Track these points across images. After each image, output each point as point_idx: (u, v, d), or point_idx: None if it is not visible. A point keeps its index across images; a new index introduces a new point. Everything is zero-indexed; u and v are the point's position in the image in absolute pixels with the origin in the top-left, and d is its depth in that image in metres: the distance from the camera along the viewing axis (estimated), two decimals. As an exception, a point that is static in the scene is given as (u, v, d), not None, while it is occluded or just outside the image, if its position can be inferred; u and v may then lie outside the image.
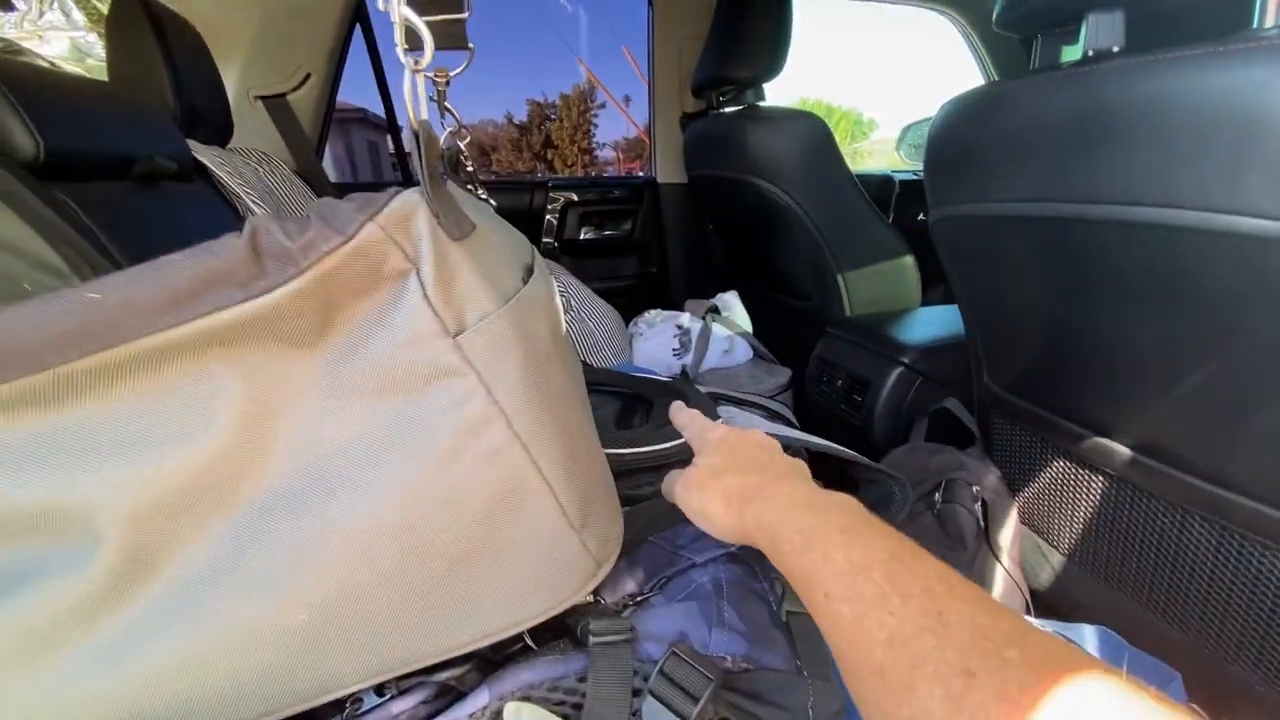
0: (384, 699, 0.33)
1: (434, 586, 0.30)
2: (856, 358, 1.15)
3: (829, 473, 0.81)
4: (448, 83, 0.43)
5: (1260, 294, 0.48)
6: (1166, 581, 0.72)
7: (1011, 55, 1.73)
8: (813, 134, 1.21)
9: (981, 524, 0.91)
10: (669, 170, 1.76)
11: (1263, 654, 0.64)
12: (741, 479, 0.34)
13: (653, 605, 0.41)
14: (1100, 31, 0.56)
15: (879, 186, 1.92)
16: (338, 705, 0.34)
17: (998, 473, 0.94)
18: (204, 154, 0.97)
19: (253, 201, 1.03)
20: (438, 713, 0.32)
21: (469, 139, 0.56)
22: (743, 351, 1.39)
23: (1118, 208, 0.54)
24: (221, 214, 0.96)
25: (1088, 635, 0.68)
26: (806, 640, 0.38)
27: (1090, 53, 0.57)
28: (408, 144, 0.34)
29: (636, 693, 0.33)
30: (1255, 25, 0.54)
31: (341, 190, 1.43)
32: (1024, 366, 0.83)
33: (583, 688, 0.33)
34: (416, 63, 0.29)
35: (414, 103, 0.29)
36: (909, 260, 1.32)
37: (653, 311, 1.43)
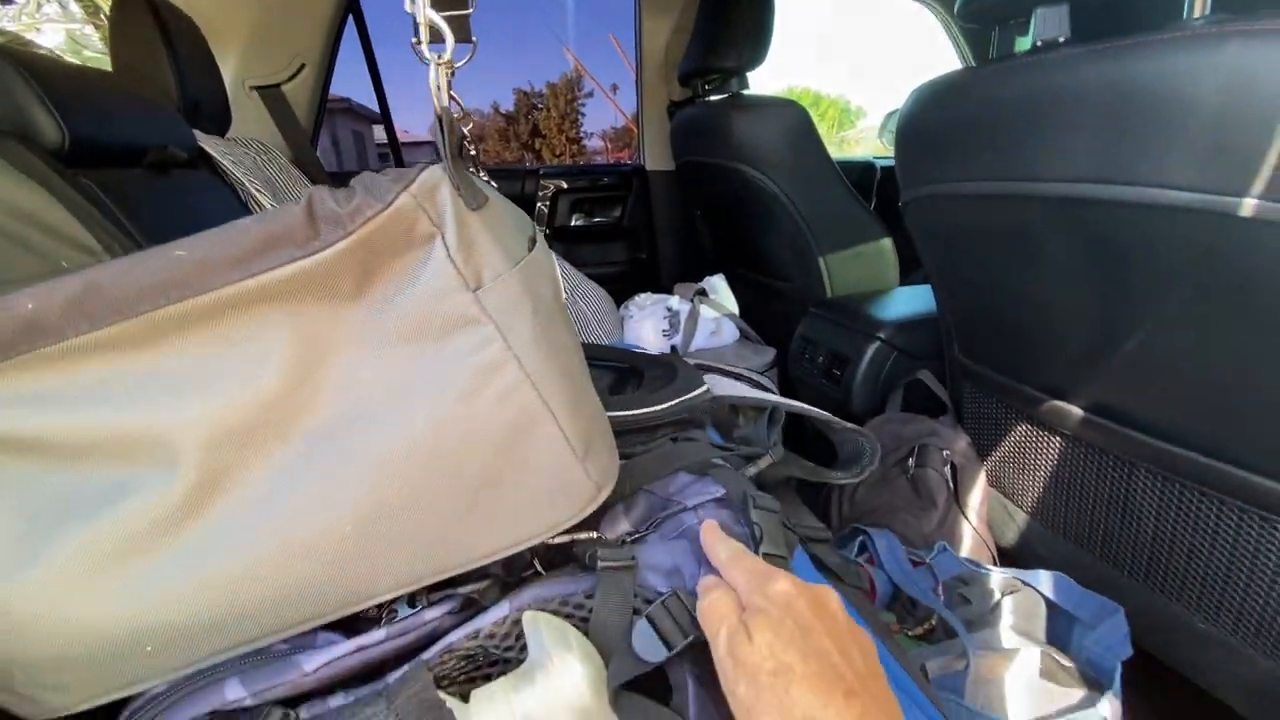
0: (416, 609, 0.38)
1: (459, 506, 0.35)
2: (837, 335, 1.20)
3: (806, 436, 0.87)
4: (453, 73, 0.48)
5: (1180, 261, 0.54)
6: (1116, 531, 0.79)
7: (985, 44, 1.78)
8: (795, 121, 1.26)
9: (951, 486, 0.97)
10: (657, 158, 1.80)
11: (1203, 595, 0.71)
12: (810, 701, 0.27)
13: (648, 542, 0.46)
14: (1048, 23, 0.61)
15: (861, 173, 1.98)
16: (376, 613, 0.39)
17: (967, 439, 1.00)
18: (208, 143, 1.01)
19: (255, 189, 1.07)
20: (464, 621, 0.37)
21: (471, 125, 0.60)
22: (729, 332, 1.45)
23: (1063, 185, 0.59)
24: (227, 200, 1.00)
25: (1044, 579, 0.75)
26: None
27: (1039, 43, 0.62)
28: (430, 132, 0.38)
29: (635, 612, 0.39)
30: (1185, 16, 0.60)
31: (336, 179, 1.46)
32: (989, 338, 0.89)
33: (590, 604, 0.38)
34: (439, 56, 0.34)
35: (437, 92, 0.34)
36: (888, 243, 1.38)
37: (643, 295, 1.49)
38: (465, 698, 0.35)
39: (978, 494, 0.98)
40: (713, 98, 1.44)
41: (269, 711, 0.33)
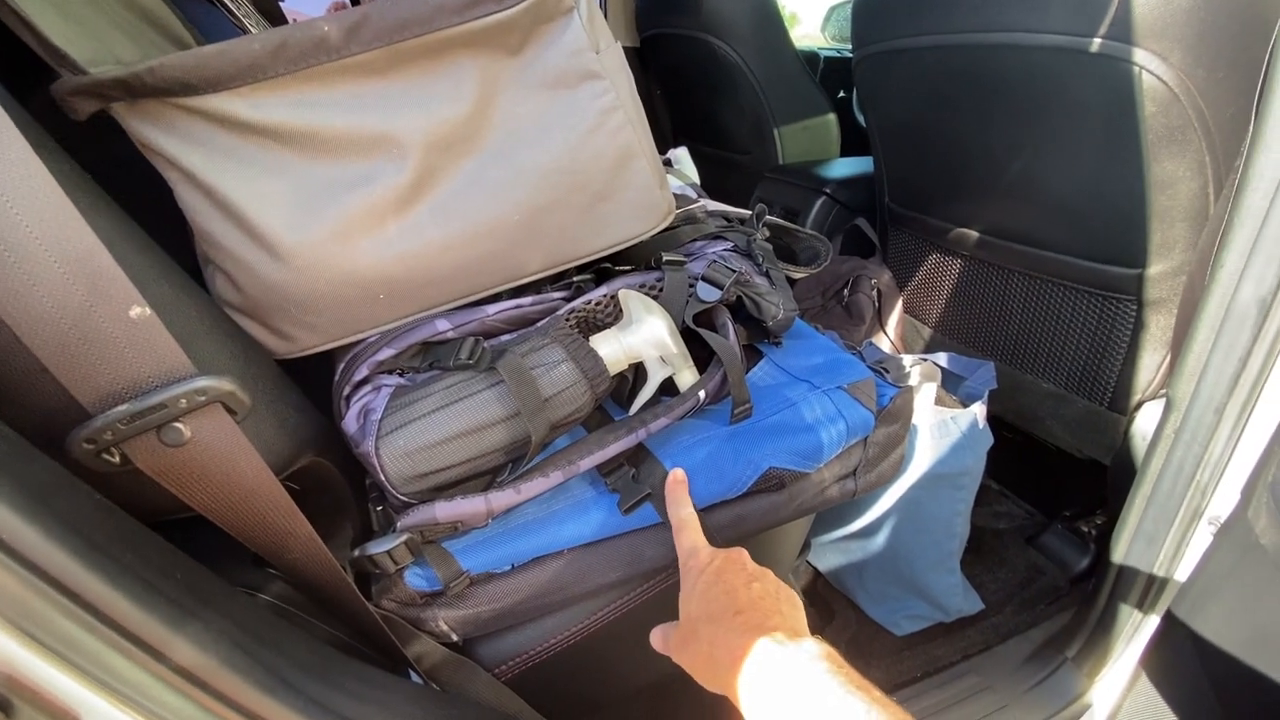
0: (546, 291, 0.56)
1: (584, 210, 0.52)
2: (789, 194, 1.40)
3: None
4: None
5: (1050, 94, 0.76)
6: (994, 327, 1.06)
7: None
8: (758, -5, 1.39)
9: (876, 307, 1.22)
10: (619, 32, 1.87)
11: (1048, 361, 0.99)
12: (714, 640, 0.37)
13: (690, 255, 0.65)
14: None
15: (805, 62, 2.12)
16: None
17: (890, 273, 1.24)
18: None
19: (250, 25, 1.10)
20: (578, 296, 0.55)
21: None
22: (694, 197, 1.61)
23: (977, 35, 0.78)
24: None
25: (939, 355, 1.00)
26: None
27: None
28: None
29: (691, 286, 0.58)
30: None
31: None
32: (914, 180, 1.11)
33: (660, 284, 0.57)
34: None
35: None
36: (832, 118, 1.57)
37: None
38: (586, 342, 0.53)
39: (895, 316, 1.24)
40: (680, -30, 1.52)
41: (465, 340, 0.51)
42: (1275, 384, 0.57)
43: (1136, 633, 0.77)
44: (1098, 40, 0.67)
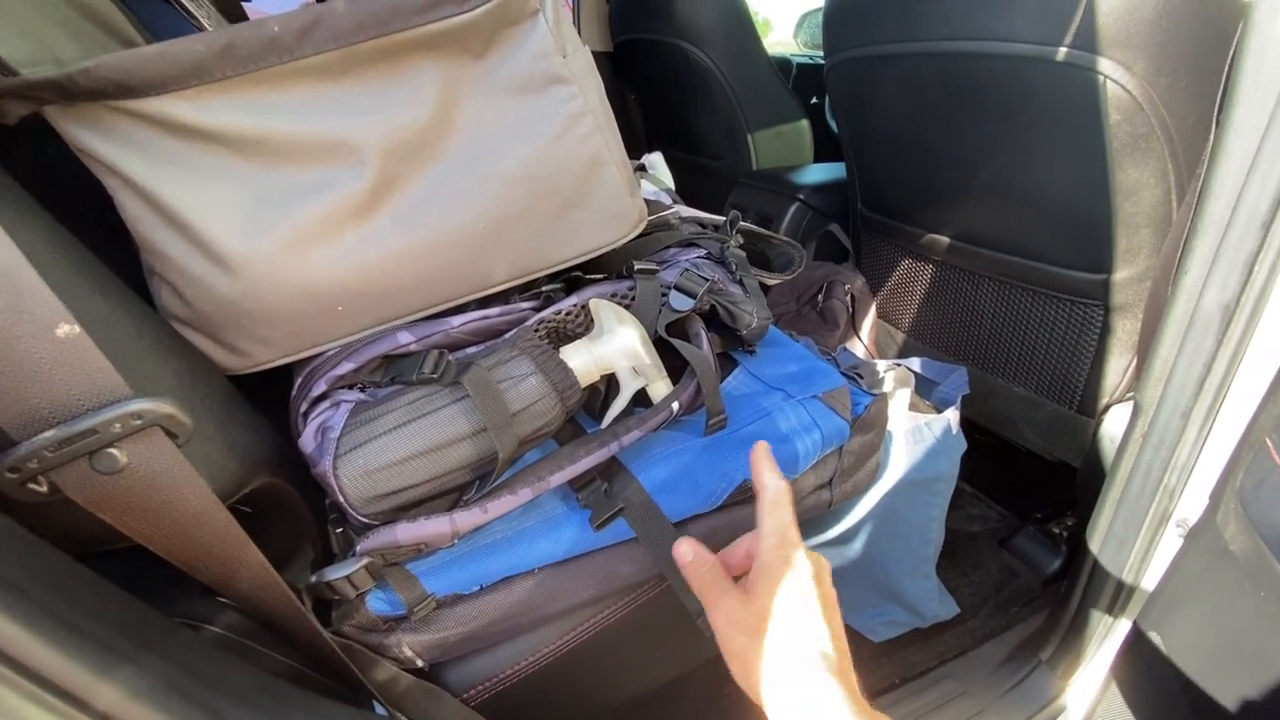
0: (514, 301, 0.54)
1: (552, 219, 0.50)
2: (763, 199, 1.40)
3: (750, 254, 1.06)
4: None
5: (1017, 102, 0.76)
6: (965, 332, 1.07)
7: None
8: (732, 2, 1.39)
9: (850, 312, 1.22)
10: (592, 38, 1.86)
11: (1018, 365, 1.00)
12: (783, 676, 0.34)
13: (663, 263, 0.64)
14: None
15: (778, 69, 2.13)
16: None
17: (863, 279, 1.25)
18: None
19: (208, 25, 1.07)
20: (547, 306, 0.54)
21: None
22: (668, 203, 1.60)
23: (945, 43, 0.79)
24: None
25: (913, 360, 1.01)
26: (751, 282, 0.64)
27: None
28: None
29: (664, 295, 0.57)
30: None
31: None
32: (886, 187, 1.11)
33: (632, 294, 0.55)
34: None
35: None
36: (805, 124, 1.57)
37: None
38: (557, 351, 0.51)
39: (869, 321, 1.24)
40: (653, -24, 1.52)
41: (428, 353, 0.49)
42: (1239, 390, 0.58)
43: (1109, 634, 0.78)
44: (1064, 49, 0.68)
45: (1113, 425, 0.87)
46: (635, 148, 1.90)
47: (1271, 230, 0.53)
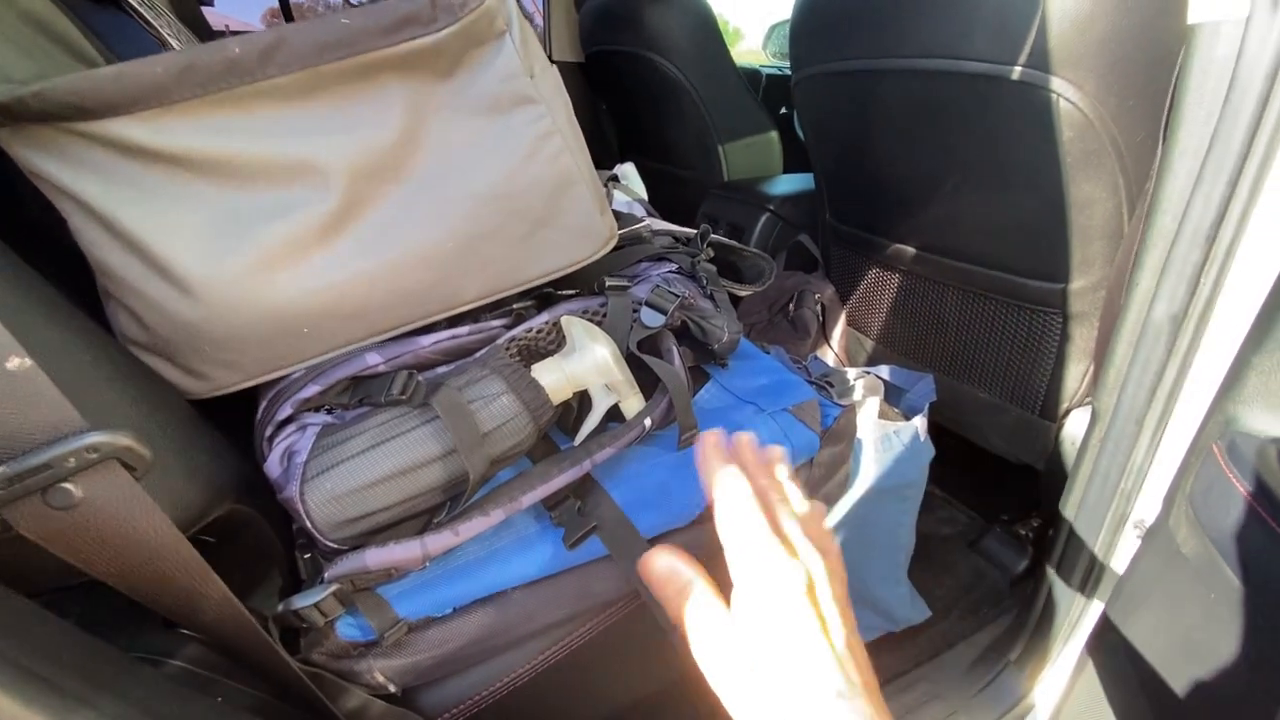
0: (484, 319, 0.54)
1: (522, 237, 0.50)
2: (734, 210, 1.42)
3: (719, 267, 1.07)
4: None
5: (974, 119, 0.79)
6: (932, 339, 1.09)
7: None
8: (701, 15, 1.40)
9: (820, 321, 1.24)
10: (563, 49, 1.87)
11: (984, 372, 1.03)
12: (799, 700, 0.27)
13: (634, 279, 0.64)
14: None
15: (748, 80, 2.16)
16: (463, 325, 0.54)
17: (833, 288, 1.27)
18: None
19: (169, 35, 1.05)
20: (518, 324, 0.53)
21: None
22: (640, 214, 1.61)
23: (908, 60, 0.81)
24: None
25: (882, 368, 1.02)
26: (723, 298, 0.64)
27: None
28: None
29: (635, 311, 0.57)
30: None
31: None
32: (853, 199, 1.13)
33: (604, 310, 0.56)
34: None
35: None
36: (774, 135, 1.60)
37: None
38: (532, 363, 0.51)
39: (839, 329, 1.26)
40: (622, -11, 1.53)
41: (397, 374, 0.48)
42: (1189, 397, 0.61)
43: (1073, 633, 0.80)
44: (1018, 68, 0.70)
45: (1073, 428, 0.90)
46: (608, 158, 1.91)
47: (1215, 243, 0.55)
